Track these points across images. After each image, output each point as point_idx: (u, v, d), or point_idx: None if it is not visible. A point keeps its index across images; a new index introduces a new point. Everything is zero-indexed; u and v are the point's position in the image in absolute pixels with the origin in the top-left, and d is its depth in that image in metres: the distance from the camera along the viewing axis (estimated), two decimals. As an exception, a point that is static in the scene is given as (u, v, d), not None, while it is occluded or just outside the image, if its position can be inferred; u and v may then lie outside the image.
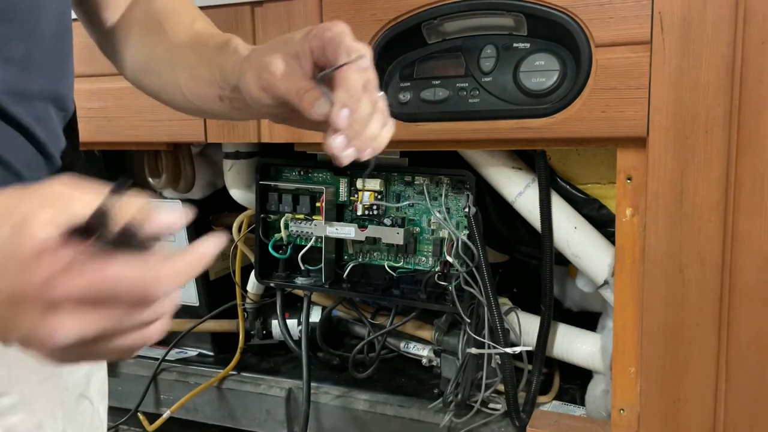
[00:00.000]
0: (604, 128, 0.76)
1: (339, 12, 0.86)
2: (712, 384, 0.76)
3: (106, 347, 0.34)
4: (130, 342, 0.34)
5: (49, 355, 0.34)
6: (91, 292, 0.31)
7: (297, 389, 1.07)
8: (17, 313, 0.32)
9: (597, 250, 0.88)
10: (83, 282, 0.31)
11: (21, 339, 0.33)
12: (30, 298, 0.32)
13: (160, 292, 0.33)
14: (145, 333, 0.35)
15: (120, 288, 0.32)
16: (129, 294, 0.32)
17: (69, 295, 0.31)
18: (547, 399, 1.00)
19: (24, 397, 0.50)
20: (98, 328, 0.32)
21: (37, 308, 0.32)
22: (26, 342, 0.33)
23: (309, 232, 1.00)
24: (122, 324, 0.33)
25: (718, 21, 0.69)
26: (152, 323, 0.35)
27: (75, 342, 0.32)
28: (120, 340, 0.34)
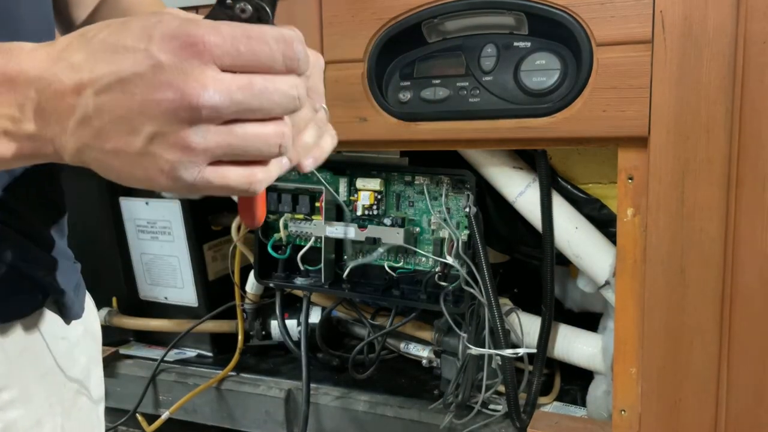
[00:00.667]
0: (605, 128, 0.76)
1: (339, 11, 0.85)
2: (713, 385, 0.76)
3: (246, 136, 0.32)
4: (270, 133, 0.33)
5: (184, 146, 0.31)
6: (238, 46, 0.31)
7: (296, 390, 1.06)
8: (162, 79, 0.31)
9: (598, 251, 0.87)
10: (230, 34, 0.31)
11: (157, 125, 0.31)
12: (178, 55, 0.31)
13: (299, 51, 0.33)
14: (284, 127, 0.34)
15: (266, 38, 0.32)
16: (273, 46, 0.32)
17: (220, 44, 0.31)
18: (548, 400, 1.00)
19: (23, 393, 0.50)
20: (245, 92, 0.31)
21: (186, 66, 0.31)
22: (162, 130, 0.31)
23: (308, 232, 0.99)
24: (268, 92, 0.32)
25: (719, 20, 0.69)
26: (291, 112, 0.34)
27: (222, 104, 0.31)
28: (261, 127, 0.33)
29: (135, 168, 0.33)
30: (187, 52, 0.31)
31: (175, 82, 0.30)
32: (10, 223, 0.48)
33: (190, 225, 1.16)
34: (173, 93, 0.30)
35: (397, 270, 0.98)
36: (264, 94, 0.32)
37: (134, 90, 0.31)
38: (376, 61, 0.85)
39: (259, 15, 0.35)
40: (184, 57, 0.31)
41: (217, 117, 0.31)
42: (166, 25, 0.31)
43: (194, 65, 0.31)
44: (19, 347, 0.49)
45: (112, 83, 0.31)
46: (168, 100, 0.31)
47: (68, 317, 0.54)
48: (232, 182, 0.33)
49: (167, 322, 1.22)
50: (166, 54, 0.31)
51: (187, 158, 0.32)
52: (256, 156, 0.34)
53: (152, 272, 1.22)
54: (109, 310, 1.26)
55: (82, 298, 0.57)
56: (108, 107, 0.32)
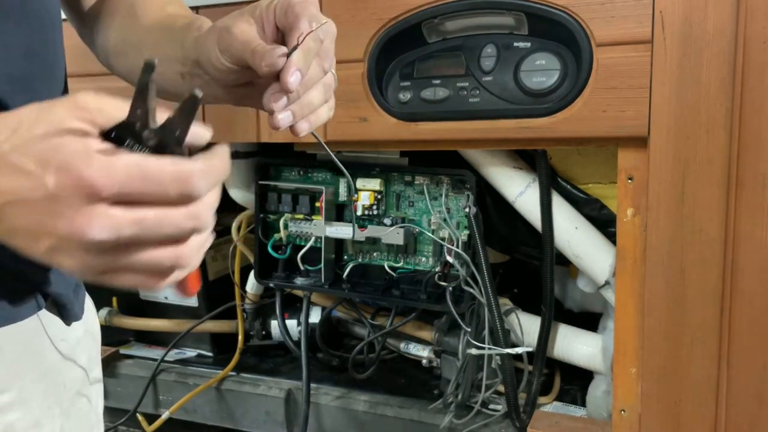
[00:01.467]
0: (605, 128, 0.76)
1: (339, 10, 0.85)
2: (713, 385, 0.76)
3: (138, 259, 0.33)
4: (164, 257, 0.34)
5: (80, 259, 0.33)
6: (131, 185, 0.32)
7: (296, 390, 1.06)
8: (55, 209, 0.32)
9: (598, 251, 0.88)
10: (123, 174, 0.32)
11: (54, 241, 0.33)
12: (69, 191, 0.32)
13: (197, 187, 0.33)
14: (180, 250, 0.35)
15: (161, 178, 0.32)
16: (168, 185, 0.32)
17: (109, 186, 0.32)
18: (548, 400, 1.00)
19: (22, 395, 0.49)
20: (135, 227, 0.32)
21: (76, 202, 0.32)
22: (59, 245, 0.33)
23: (308, 232, 0.99)
24: (159, 227, 0.33)
25: (719, 20, 0.69)
26: (187, 238, 0.35)
27: (110, 239, 0.32)
28: (154, 251, 0.34)
29: (50, 261, 0.34)
30: (78, 190, 0.32)
31: (66, 214, 0.32)
32: None
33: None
34: (64, 224, 0.32)
35: (397, 270, 0.98)
36: (155, 228, 0.33)
37: (31, 213, 0.33)
38: (376, 61, 0.85)
39: (165, 142, 0.35)
40: (74, 193, 0.32)
41: (107, 248, 0.33)
42: (64, 154, 0.32)
43: (83, 202, 0.32)
44: (19, 349, 0.49)
45: (13, 201, 0.33)
46: (60, 228, 0.32)
47: (68, 319, 0.54)
48: (134, 286, 0.35)
49: (167, 322, 1.22)
50: (59, 187, 0.32)
51: (84, 269, 0.34)
52: (153, 272, 0.35)
53: (152, 272, 1.22)
54: (109, 310, 1.26)
55: (81, 299, 0.57)
56: (12, 218, 0.33)
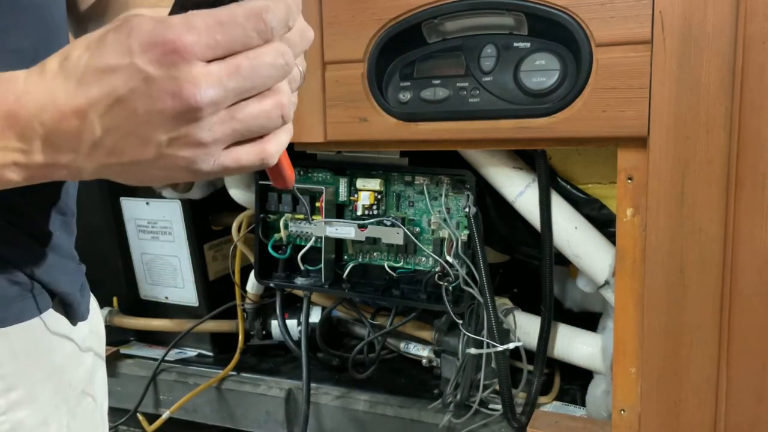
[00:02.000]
0: (605, 128, 0.76)
1: (338, 11, 0.85)
2: (713, 385, 0.76)
3: (250, 115, 0.34)
4: (270, 107, 0.35)
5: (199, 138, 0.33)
6: (213, 35, 0.32)
7: (297, 390, 1.06)
8: (157, 91, 0.32)
9: (597, 250, 0.88)
10: (203, 27, 0.32)
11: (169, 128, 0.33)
12: (164, 64, 0.32)
13: (271, 21, 0.33)
14: (280, 97, 0.35)
15: (235, 19, 0.33)
16: (244, 25, 0.33)
17: (196, 41, 0.32)
18: (548, 399, 1.00)
19: (30, 393, 0.50)
20: (235, 77, 0.33)
21: (173, 72, 0.32)
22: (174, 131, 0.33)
23: (309, 232, 0.99)
24: (255, 69, 0.33)
25: (718, 20, 0.69)
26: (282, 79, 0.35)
27: (219, 96, 0.32)
28: (260, 104, 0.34)
29: (155, 171, 0.34)
30: (170, 58, 0.32)
31: (169, 89, 0.32)
32: (20, 226, 0.48)
33: (191, 225, 1.16)
34: (171, 100, 0.32)
35: (397, 270, 0.98)
36: (253, 73, 0.33)
37: (134, 105, 0.32)
38: (376, 62, 0.85)
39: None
40: (169, 63, 0.32)
41: (219, 107, 0.33)
42: (142, 33, 0.32)
43: (181, 68, 0.32)
44: (27, 348, 0.50)
45: (112, 104, 0.32)
46: (169, 108, 0.32)
47: (74, 318, 0.54)
48: (246, 162, 0.35)
49: (168, 322, 1.22)
50: (151, 64, 0.32)
51: (201, 152, 0.33)
52: (263, 131, 0.35)
53: (153, 272, 1.22)
54: (109, 309, 1.26)
55: (87, 299, 0.57)
56: (115, 126, 0.33)
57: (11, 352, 0.49)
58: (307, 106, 0.90)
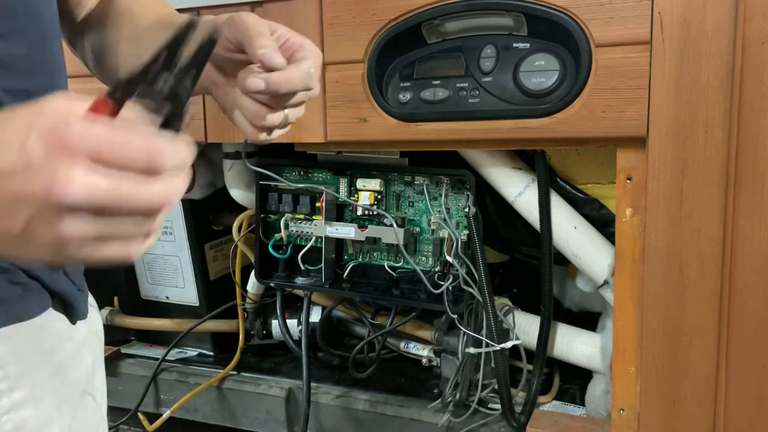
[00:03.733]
0: (604, 128, 0.76)
1: (339, 12, 0.86)
2: (712, 384, 0.76)
3: (115, 227, 0.35)
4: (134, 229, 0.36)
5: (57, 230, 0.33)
6: (103, 148, 0.33)
7: (297, 389, 1.07)
8: (33, 175, 0.33)
9: (597, 250, 0.88)
10: (98, 135, 0.33)
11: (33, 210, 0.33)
12: (48, 153, 0.33)
13: (164, 161, 0.35)
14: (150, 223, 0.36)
15: (130, 144, 0.34)
16: (136, 152, 0.34)
17: (84, 145, 0.33)
18: (547, 399, 1.00)
19: (33, 393, 0.50)
20: (109, 193, 0.33)
21: (53, 165, 0.32)
22: (37, 214, 0.33)
23: (309, 232, 1.00)
24: (130, 197, 0.34)
25: (718, 21, 0.69)
26: (156, 213, 0.36)
27: (86, 202, 0.33)
28: (127, 224, 0.35)
29: (21, 249, 0.35)
30: (57, 150, 0.33)
31: (43, 178, 0.33)
32: None
33: (192, 225, 1.16)
34: (41, 187, 0.33)
35: (397, 270, 0.98)
36: (127, 200, 0.34)
37: (8, 184, 0.33)
38: (376, 62, 0.85)
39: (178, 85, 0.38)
40: (54, 154, 0.33)
41: (82, 210, 0.33)
42: (44, 121, 0.33)
43: (61, 163, 0.33)
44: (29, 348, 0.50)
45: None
46: (37, 193, 0.33)
47: (74, 317, 0.54)
48: (110, 257, 0.36)
49: (168, 322, 1.22)
50: (37, 152, 0.33)
51: (62, 242, 0.34)
52: (128, 238, 0.36)
53: (153, 272, 1.22)
54: (110, 309, 1.26)
55: (85, 298, 0.57)
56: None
57: (13, 351, 0.49)
58: (307, 106, 0.89)
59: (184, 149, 0.36)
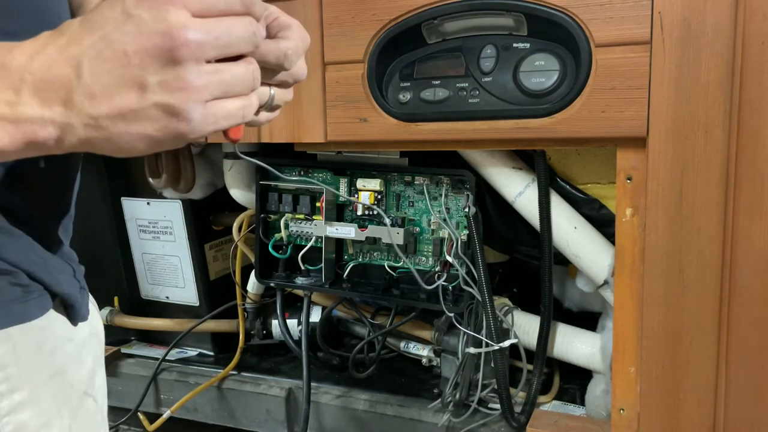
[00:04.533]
0: (604, 128, 0.76)
1: (339, 12, 0.86)
2: (712, 384, 0.76)
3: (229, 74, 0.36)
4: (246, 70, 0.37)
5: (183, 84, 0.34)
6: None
7: (297, 389, 1.07)
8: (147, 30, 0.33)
9: (597, 250, 0.88)
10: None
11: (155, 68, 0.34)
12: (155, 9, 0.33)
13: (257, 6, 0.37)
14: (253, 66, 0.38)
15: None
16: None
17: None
18: (547, 399, 1.00)
19: (33, 395, 0.50)
20: (219, 29, 0.35)
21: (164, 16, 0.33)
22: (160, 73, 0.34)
23: (309, 232, 1.00)
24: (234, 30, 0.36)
25: (717, 21, 0.69)
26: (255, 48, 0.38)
27: (205, 39, 0.34)
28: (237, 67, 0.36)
29: (144, 125, 0.34)
30: (161, 5, 0.33)
31: (159, 28, 0.33)
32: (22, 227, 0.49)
33: (192, 225, 1.16)
34: (160, 37, 0.33)
35: (397, 270, 0.98)
36: (231, 31, 0.35)
37: (124, 46, 0.33)
38: (376, 62, 0.85)
39: None
40: (159, 8, 0.33)
41: (202, 54, 0.34)
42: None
43: (170, 11, 0.33)
44: (29, 349, 0.50)
45: (102, 47, 0.33)
46: (158, 45, 0.33)
47: (75, 319, 0.54)
48: (232, 113, 0.36)
49: (168, 322, 1.22)
50: (142, 9, 0.33)
51: (191, 97, 0.34)
52: (241, 91, 0.37)
53: (154, 272, 1.22)
54: (110, 309, 1.26)
55: (86, 299, 0.57)
56: (105, 69, 0.33)
57: (14, 353, 0.49)
58: (307, 106, 0.90)
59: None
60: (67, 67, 0.34)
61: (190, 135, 0.35)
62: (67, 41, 0.34)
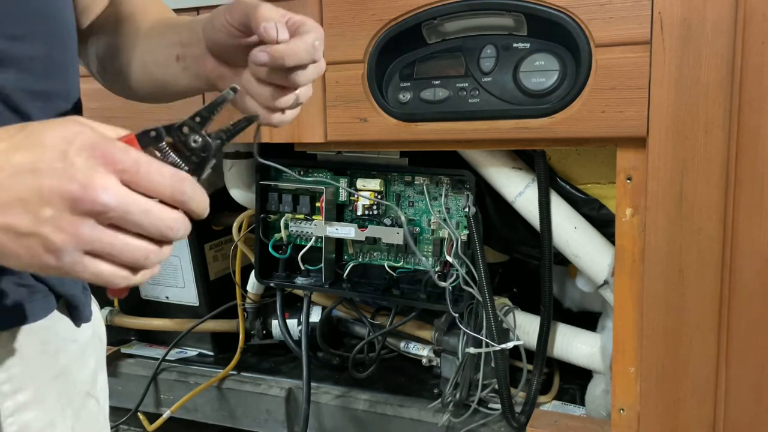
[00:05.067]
0: (604, 128, 0.76)
1: (339, 12, 0.86)
2: (711, 384, 0.76)
3: (125, 244, 0.37)
4: (146, 249, 0.38)
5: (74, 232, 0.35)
6: (140, 168, 0.37)
7: (297, 389, 1.07)
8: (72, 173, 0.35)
9: (597, 250, 0.88)
10: (135, 157, 0.37)
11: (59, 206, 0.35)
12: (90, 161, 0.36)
13: (188, 192, 0.39)
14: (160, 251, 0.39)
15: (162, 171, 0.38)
16: (167, 179, 0.38)
17: (125, 161, 0.36)
18: (547, 399, 1.00)
19: (37, 395, 0.50)
20: (136, 207, 0.37)
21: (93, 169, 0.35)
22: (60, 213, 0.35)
23: (309, 232, 1.00)
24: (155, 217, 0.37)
25: (717, 21, 0.70)
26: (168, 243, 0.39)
27: (115, 207, 0.36)
28: (140, 241, 0.38)
29: (19, 245, 0.36)
30: (98, 161, 0.36)
31: (80, 179, 0.35)
32: None
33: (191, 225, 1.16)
34: (77, 187, 0.35)
35: (397, 270, 0.98)
36: (148, 216, 0.37)
37: (44, 179, 0.35)
38: (376, 62, 0.85)
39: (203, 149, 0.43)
40: (95, 163, 0.36)
41: (106, 216, 0.36)
42: (86, 136, 0.36)
43: (99, 171, 0.36)
44: (34, 350, 0.50)
45: (25, 170, 0.35)
46: (70, 192, 0.35)
47: (79, 320, 0.55)
48: (104, 276, 0.38)
49: (168, 322, 1.22)
50: (80, 158, 0.36)
51: (72, 243, 0.36)
52: (127, 263, 0.38)
53: (153, 272, 1.22)
54: (110, 309, 1.26)
55: (89, 301, 0.58)
56: (15, 188, 0.35)
57: (19, 353, 0.49)
58: (307, 106, 0.89)
59: (203, 195, 0.40)
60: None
61: (55, 272, 0.37)
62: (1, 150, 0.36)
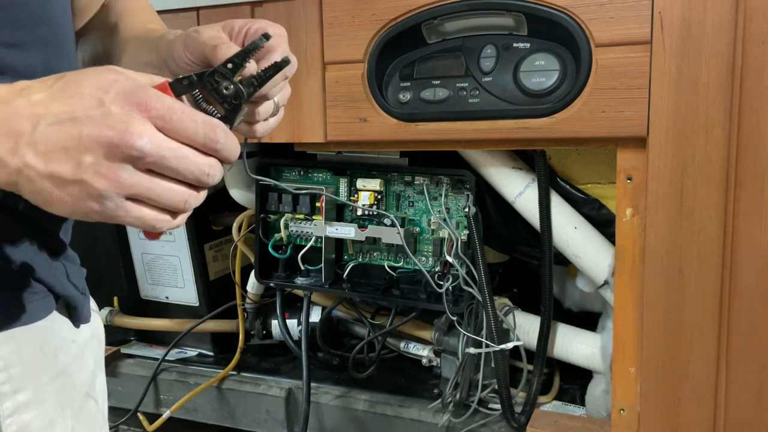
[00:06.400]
0: (604, 128, 0.76)
1: (339, 12, 0.86)
2: (712, 384, 0.76)
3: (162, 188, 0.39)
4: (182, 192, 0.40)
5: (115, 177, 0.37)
6: (173, 114, 0.38)
7: (297, 389, 1.07)
8: (109, 121, 0.37)
9: (597, 250, 0.88)
10: (170, 103, 0.38)
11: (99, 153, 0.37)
12: (126, 108, 0.37)
13: (220, 138, 0.40)
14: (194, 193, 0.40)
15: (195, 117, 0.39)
16: (199, 125, 0.39)
17: (159, 107, 0.38)
18: (547, 399, 1.00)
19: (37, 395, 0.50)
20: (171, 152, 0.38)
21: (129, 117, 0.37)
22: (100, 159, 0.37)
23: (309, 232, 1.00)
24: (188, 161, 0.39)
25: (718, 21, 0.70)
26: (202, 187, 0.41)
27: (151, 153, 0.37)
28: (176, 185, 0.39)
29: (64, 192, 0.37)
30: (133, 108, 0.37)
31: (118, 126, 0.37)
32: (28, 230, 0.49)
33: (191, 225, 1.16)
34: (115, 132, 0.37)
35: (397, 270, 0.98)
36: (183, 161, 0.39)
37: (82, 127, 0.37)
38: (376, 62, 0.85)
39: (235, 96, 0.43)
40: (130, 110, 0.37)
41: (143, 162, 0.37)
42: (121, 84, 0.38)
43: (135, 117, 0.37)
44: (33, 350, 0.50)
45: (65, 119, 0.37)
46: (108, 138, 0.37)
47: (78, 321, 0.55)
48: (146, 219, 0.39)
49: (168, 322, 1.22)
50: (116, 106, 0.37)
51: (113, 189, 0.37)
52: (166, 206, 0.40)
53: (153, 272, 1.22)
54: (110, 309, 1.26)
55: (88, 302, 0.58)
56: (56, 136, 0.37)
57: (18, 354, 0.49)
58: (307, 106, 0.90)
59: (234, 142, 0.41)
60: (27, 123, 0.37)
61: (99, 217, 0.38)
62: (39, 100, 0.38)
